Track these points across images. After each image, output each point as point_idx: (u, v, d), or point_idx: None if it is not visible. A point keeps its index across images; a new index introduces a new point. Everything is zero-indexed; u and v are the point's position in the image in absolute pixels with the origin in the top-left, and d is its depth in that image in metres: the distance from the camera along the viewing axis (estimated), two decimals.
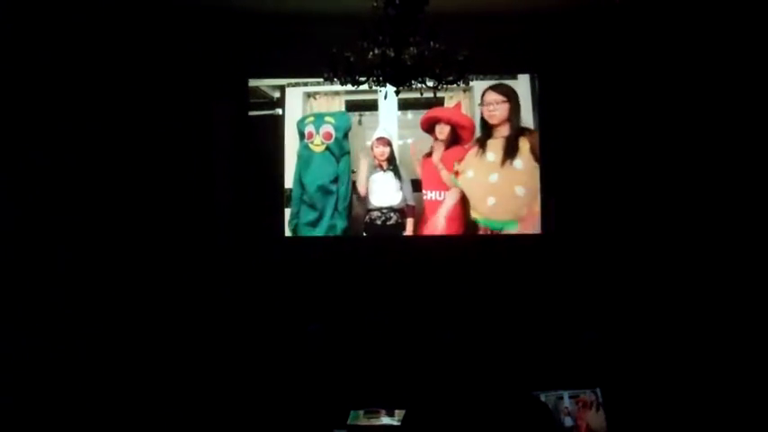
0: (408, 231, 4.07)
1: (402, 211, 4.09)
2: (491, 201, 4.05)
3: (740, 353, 3.54)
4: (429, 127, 4.10)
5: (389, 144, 4.07)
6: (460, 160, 4.07)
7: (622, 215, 3.93)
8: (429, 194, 4.10)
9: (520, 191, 4.03)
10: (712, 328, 3.65)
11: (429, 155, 4.11)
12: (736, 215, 3.76)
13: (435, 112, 4.09)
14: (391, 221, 4.07)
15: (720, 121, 3.81)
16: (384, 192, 4.08)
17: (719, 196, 3.80)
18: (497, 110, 4.06)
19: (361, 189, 4.12)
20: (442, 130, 4.08)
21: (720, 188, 3.81)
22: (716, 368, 3.53)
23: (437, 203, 4.09)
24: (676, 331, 3.71)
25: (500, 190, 4.04)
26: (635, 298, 3.81)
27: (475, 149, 4.07)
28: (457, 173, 4.07)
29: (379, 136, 4.08)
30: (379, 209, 4.08)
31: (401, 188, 4.08)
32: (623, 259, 3.89)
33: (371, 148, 4.09)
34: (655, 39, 3.91)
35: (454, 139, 4.09)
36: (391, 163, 4.08)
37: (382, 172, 4.08)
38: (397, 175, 4.08)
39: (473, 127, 4.08)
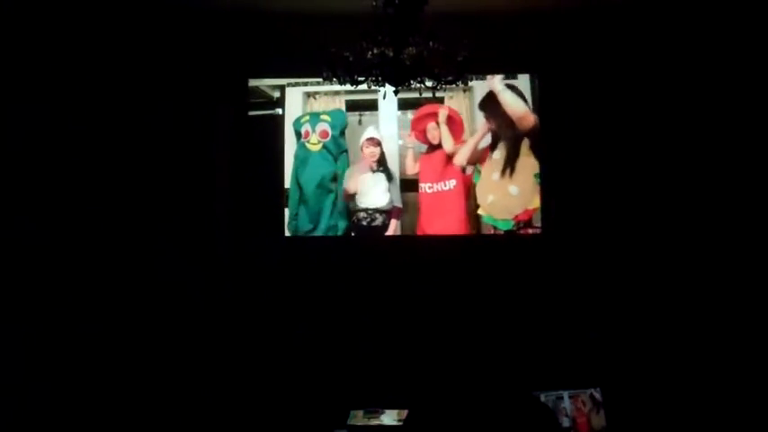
0: (390, 232, 4.05)
1: (388, 213, 4.06)
2: (490, 198, 4.04)
3: (741, 352, 3.54)
4: (422, 129, 4.07)
5: (379, 144, 4.05)
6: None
7: (624, 214, 3.93)
8: (435, 186, 4.05)
9: (514, 190, 4.01)
10: (713, 328, 3.65)
11: (429, 152, 4.07)
12: (737, 215, 3.76)
13: (425, 109, 4.03)
14: (376, 222, 4.04)
15: (722, 121, 3.80)
16: (373, 193, 4.05)
17: (721, 196, 3.79)
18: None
19: (349, 187, 4.06)
20: (434, 135, 4.05)
21: (722, 188, 3.80)
22: (716, 368, 3.53)
23: (442, 194, 4.05)
24: (677, 331, 3.71)
25: (500, 189, 4.03)
26: (636, 298, 3.81)
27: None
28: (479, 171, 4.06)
29: (369, 136, 4.05)
30: (366, 210, 4.05)
31: (389, 189, 4.06)
32: (624, 259, 3.88)
33: (361, 149, 4.07)
34: (656, 38, 3.90)
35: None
36: (381, 164, 4.06)
37: (371, 173, 4.06)
38: (388, 175, 4.06)
39: (462, 123, 4.06)
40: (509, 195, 4.01)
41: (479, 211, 4.04)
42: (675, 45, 3.88)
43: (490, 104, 4.04)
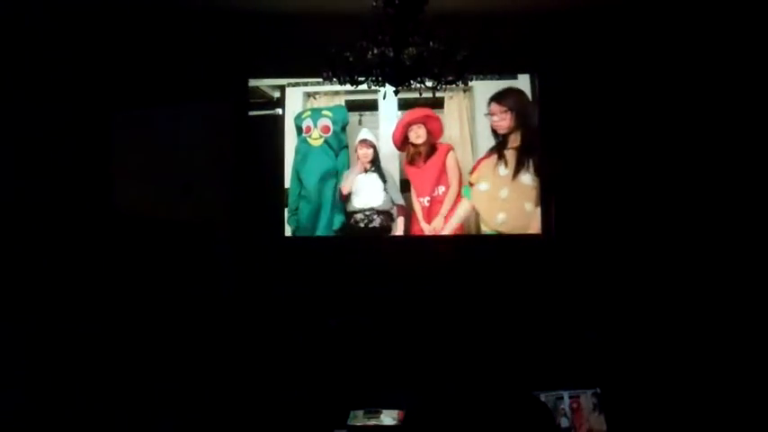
0: (398, 231, 4.04)
1: (388, 213, 4.05)
2: (501, 217, 4.00)
3: (740, 353, 3.54)
4: (403, 139, 4.05)
5: (373, 146, 4.05)
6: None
7: (623, 216, 3.93)
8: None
9: (528, 206, 3.98)
10: (713, 329, 3.65)
11: (411, 162, 4.05)
12: (736, 216, 3.76)
13: (404, 118, 4.03)
14: (374, 223, 4.03)
15: (723, 122, 3.81)
16: (367, 193, 4.05)
17: (721, 197, 3.80)
18: (504, 119, 4.01)
19: (344, 188, 4.06)
20: (419, 134, 4.03)
21: (722, 189, 3.80)
22: (716, 369, 3.52)
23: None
24: (677, 332, 3.71)
25: (509, 205, 3.99)
26: (635, 298, 3.81)
27: (491, 159, 4.01)
28: (470, 183, 4.02)
29: (362, 138, 4.05)
30: (362, 210, 4.05)
31: (385, 189, 4.05)
32: (624, 259, 3.88)
33: (355, 150, 4.06)
34: (656, 38, 3.91)
35: (432, 143, 4.03)
36: (374, 164, 4.06)
37: (365, 173, 4.06)
38: (381, 176, 4.05)
39: (439, 117, 4.04)
40: (524, 212, 3.99)
41: (485, 229, 4.02)
42: (676, 44, 3.89)
43: (508, 98, 4.02)
